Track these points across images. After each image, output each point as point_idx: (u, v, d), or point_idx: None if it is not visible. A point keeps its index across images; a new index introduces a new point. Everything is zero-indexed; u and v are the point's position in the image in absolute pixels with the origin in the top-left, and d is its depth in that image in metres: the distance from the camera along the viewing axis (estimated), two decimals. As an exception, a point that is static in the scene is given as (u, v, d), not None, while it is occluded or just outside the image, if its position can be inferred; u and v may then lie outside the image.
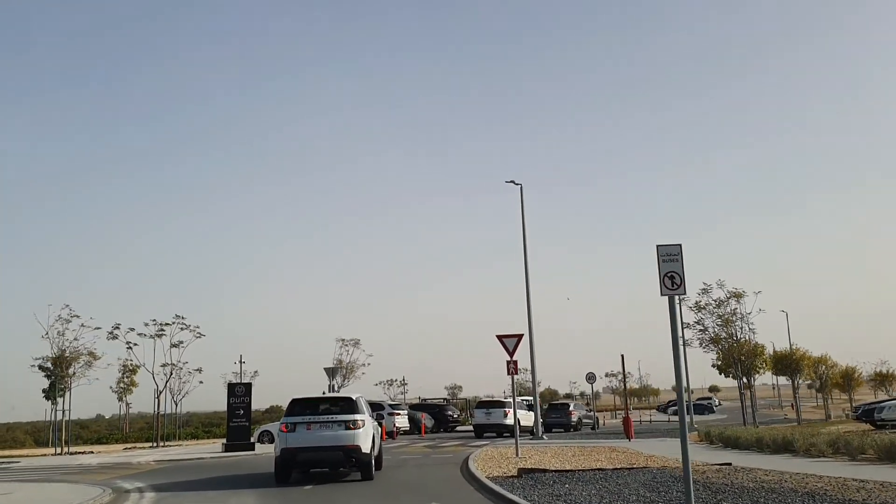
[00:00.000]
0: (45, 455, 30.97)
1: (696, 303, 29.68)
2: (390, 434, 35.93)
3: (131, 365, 47.72)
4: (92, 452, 31.15)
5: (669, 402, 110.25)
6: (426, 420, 41.58)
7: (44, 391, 54.33)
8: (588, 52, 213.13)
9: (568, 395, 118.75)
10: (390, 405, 39.32)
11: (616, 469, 15.44)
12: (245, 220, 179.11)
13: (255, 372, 61.67)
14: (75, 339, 31.64)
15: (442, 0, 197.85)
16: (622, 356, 27.39)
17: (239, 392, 27.64)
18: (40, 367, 33.63)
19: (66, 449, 31.63)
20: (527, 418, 34.62)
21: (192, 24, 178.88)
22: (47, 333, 31.19)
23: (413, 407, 45.74)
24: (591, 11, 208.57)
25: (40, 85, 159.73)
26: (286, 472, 15.64)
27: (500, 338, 20.13)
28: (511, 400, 36.82)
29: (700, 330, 29.63)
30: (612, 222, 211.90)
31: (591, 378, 40.90)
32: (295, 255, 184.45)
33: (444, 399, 79.99)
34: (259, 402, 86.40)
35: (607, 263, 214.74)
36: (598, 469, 15.55)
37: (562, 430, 40.01)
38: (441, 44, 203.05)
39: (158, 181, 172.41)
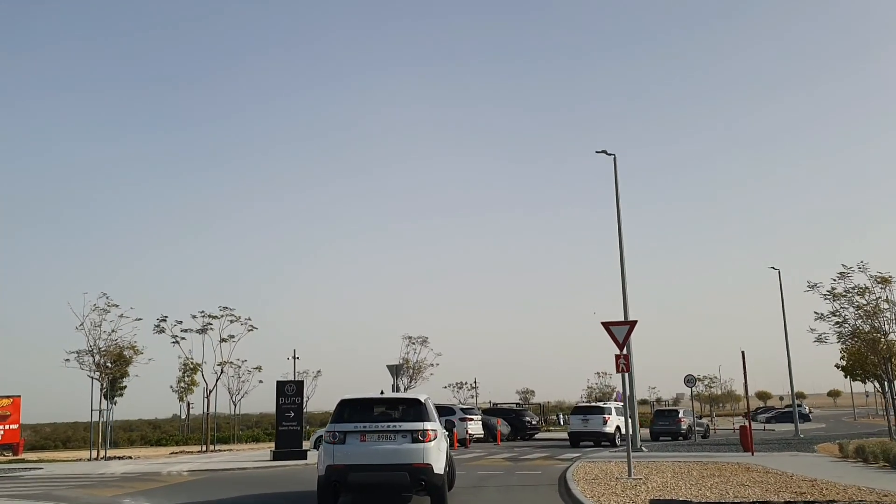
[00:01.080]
0: (79, 460, 27.91)
1: (832, 290, 24.67)
2: (462, 442, 31.94)
3: (192, 363, 45.03)
4: (130, 458, 27.97)
5: (758, 408, 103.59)
6: (502, 426, 37.39)
7: (102, 388, 52.33)
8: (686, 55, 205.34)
9: (643, 402, 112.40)
10: (462, 409, 35.25)
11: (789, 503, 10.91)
12: (309, 215, 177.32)
13: (318, 371, 58.61)
14: (113, 330, 28.55)
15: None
16: (742, 353, 22.61)
17: (289, 391, 23.94)
18: (97, 366, 30.57)
19: (102, 453, 28.54)
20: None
21: (271, 20, 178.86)
22: (82, 324, 28.18)
23: (486, 412, 41.57)
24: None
25: (98, 78, 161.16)
26: (332, 497, 11.59)
27: (606, 325, 15.76)
28: (611, 405, 32.86)
29: (837, 323, 24.64)
30: (701, 231, 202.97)
31: (690, 381, 36.02)
32: (363, 252, 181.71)
33: (517, 403, 75.80)
34: (326, 404, 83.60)
35: (693, 267, 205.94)
36: (763, 502, 11.03)
37: (669, 438, 36.19)
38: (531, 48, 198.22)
39: (221, 176, 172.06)
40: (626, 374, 15.98)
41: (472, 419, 33.92)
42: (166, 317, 32.11)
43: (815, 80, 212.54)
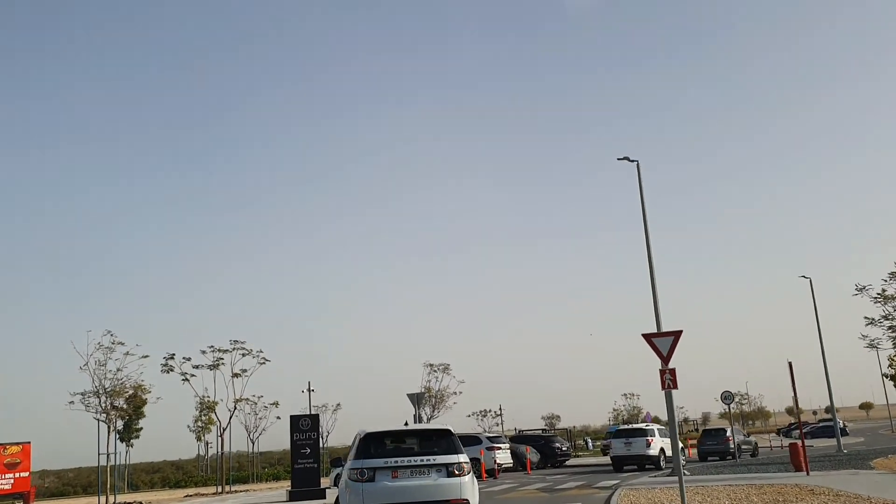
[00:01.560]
0: (88, 508, 26.45)
1: (882, 291, 22.92)
2: (491, 472, 30.23)
3: (208, 402, 43.75)
4: (140, 503, 26.44)
5: (791, 424, 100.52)
6: (531, 454, 35.64)
7: (118, 432, 50.88)
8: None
9: (686, 420, 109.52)
10: (488, 438, 33.52)
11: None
12: (323, 246, 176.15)
13: (338, 404, 57.25)
14: (118, 369, 27.23)
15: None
16: (790, 364, 20.89)
17: (304, 426, 22.42)
18: (104, 407, 29.19)
19: (113, 499, 27.07)
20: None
21: (295, 55, 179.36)
22: (86, 364, 26.89)
23: (514, 439, 39.81)
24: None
25: (107, 122, 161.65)
26: None
27: (648, 337, 14.22)
28: (654, 427, 30.97)
29: (890, 327, 22.85)
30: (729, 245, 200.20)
31: (727, 398, 34.15)
32: (381, 283, 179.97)
33: (543, 429, 73.74)
34: (347, 437, 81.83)
35: (719, 285, 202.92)
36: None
37: (717, 458, 35.12)
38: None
39: (233, 212, 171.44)
40: (672, 392, 14.32)
41: (499, 448, 32.24)
42: (173, 355, 30.88)
43: (836, 88, 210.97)
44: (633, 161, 27.45)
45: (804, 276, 41.51)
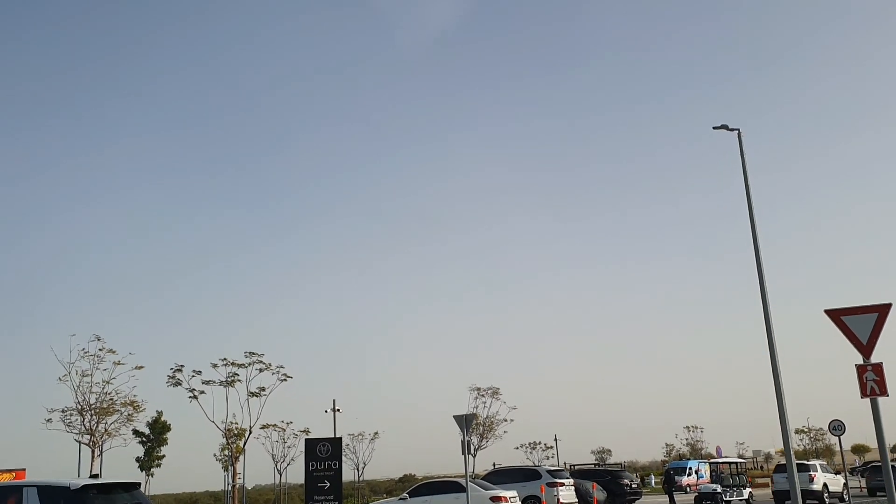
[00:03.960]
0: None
1: None
2: (554, 512, 25.08)
3: (236, 428, 39.31)
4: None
5: (867, 463, 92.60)
6: (597, 492, 30.48)
7: (137, 459, 46.46)
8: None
9: (741, 456, 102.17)
10: (549, 472, 28.45)
11: None
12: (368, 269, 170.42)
13: (375, 433, 52.58)
14: (107, 381, 22.73)
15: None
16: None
17: (322, 452, 17.54)
18: (88, 427, 24.49)
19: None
20: (835, 483, 31.45)
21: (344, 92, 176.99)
22: (67, 374, 22.45)
23: (576, 474, 34.54)
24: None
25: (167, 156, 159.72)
26: None
27: (836, 315, 9.19)
28: (816, 462, 29.78)
29: None
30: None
31: (838, 428, 28.80)
32: (423, 302, 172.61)
33: (595, 464, 67.99)
34: (390, 470, 76.95)
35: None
36: None
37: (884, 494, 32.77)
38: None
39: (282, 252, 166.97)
40: (878, 401, 9.15)
41: (562, 484, 27.16)
42: (182, 366, 26.36)
43: None
44: (732, 130, 22.57)
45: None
